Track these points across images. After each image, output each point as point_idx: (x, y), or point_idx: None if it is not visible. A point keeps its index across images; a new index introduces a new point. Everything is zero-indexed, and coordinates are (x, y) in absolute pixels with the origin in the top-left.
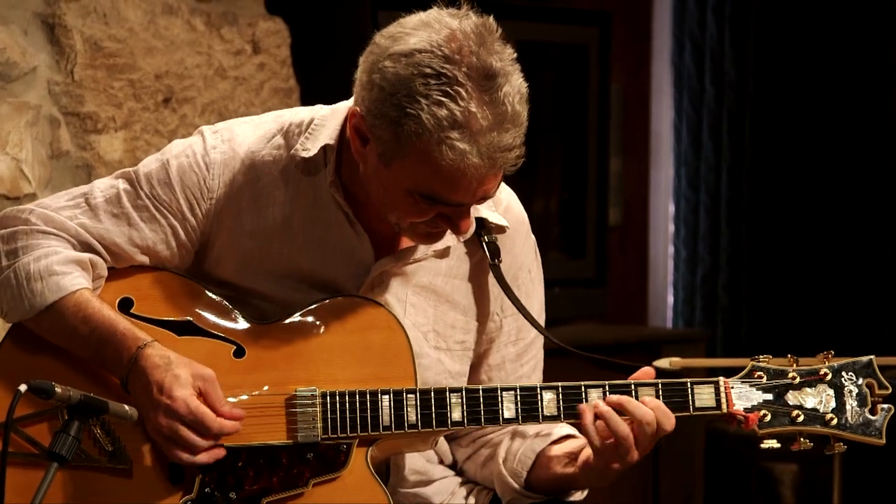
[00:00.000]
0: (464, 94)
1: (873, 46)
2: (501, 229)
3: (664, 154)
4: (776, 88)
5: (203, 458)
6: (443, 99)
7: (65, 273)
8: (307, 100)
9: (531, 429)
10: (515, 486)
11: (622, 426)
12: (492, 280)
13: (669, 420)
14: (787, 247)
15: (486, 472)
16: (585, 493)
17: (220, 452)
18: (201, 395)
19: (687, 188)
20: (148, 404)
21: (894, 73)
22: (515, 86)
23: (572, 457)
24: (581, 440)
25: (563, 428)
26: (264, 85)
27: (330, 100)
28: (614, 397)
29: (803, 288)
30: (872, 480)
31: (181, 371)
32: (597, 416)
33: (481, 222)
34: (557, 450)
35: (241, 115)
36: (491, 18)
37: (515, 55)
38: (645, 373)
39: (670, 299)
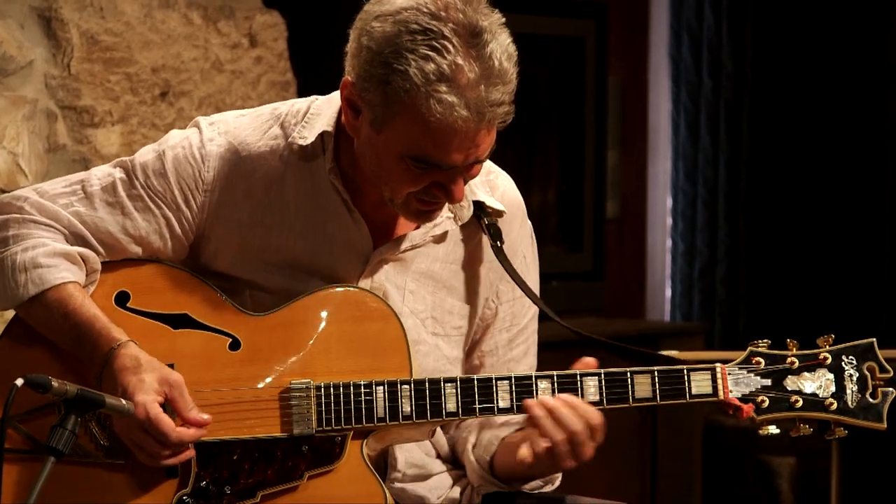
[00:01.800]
0: (450, 48)
1: (870, 38)
2: (499, 213)
3: (662, 147)
4: (774, 81)
5: (168, 462)
6: (429, 53)
7: (50, 266)
8: (304, 93)
9: (501, 418)
10: (482, 472)
11: (573, 422)
12: (486, 266)
13: (594, 414)
14: (785, 240)
15: (464, 459)
16: (556, 482)
17: (187, 454)
18: (168, 401)
19: (685, 181)
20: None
21: (891, 65)
22: (503, 44)
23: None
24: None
25: None
26: (261, 78)
27: (327, 93)
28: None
29: (801, 281)
30: (871, 473)
31: (147, 375)
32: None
33: (480, 205)
34: (519, 436)
35: (239, 108)
36: None
37: (504, 20)
38: (585, 363)
39: (668, 292)
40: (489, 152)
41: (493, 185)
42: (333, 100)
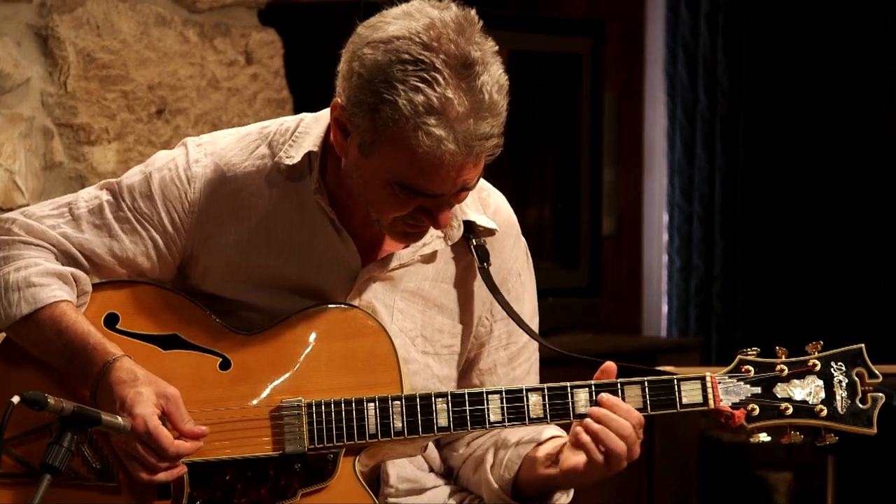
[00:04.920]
0: (441, 80)
1: (866, 55)
2: (490, 232)
3: (658, 163)
4: (769, 97)
5: (162, 476)
6: (420, 85)
7: (43, 285)
8: (300, 111)
9: (514, 437)
10: (503, 494)
11: (615, 442)
12: (480, 284)
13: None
14: (782, 255)
15: (476, 478)
16: (570, 494)
17: (180, 470)
18: (165, 414)
19: (680, 197)
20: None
21: (887, 80)
22: (494, 76)
23: (553, 458)
24: (562, 439)
25: (549, 429)
26: (257, 96)
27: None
28: (603, 403)
29: (798, 296)
30: (867, 488)
31: (144, 388)
32: (588, 432)
33: (469, 226)
34: (541, 451)
35: (235, 126)
36: (473, 11)
37: (497, 48)
38: (608, 368)
39: (664, 308)
40: (477, 180)
41: (486, 203)
42: (322, 118)
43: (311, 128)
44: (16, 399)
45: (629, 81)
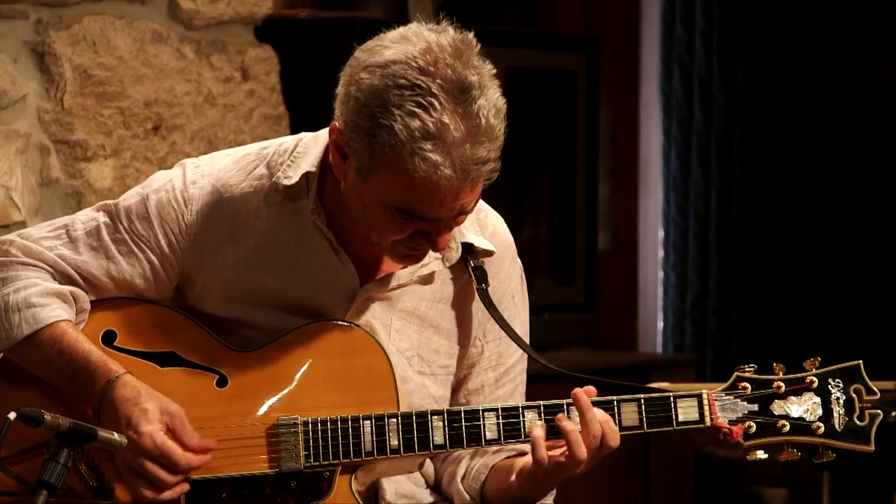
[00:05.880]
0: (437, 105)
1: (860, 71)
2: (488, 253)
3: (653, 179)
4: (764, 113)
5: (167, 494)
6: (416, 110)
7: (43, 305)
8: (296, 127)
9: (491, 447)
10: (471, 501)
11: (579, 447)
12: (475, 305)
13: (616, 437)
14: (777, 271)
15: (452, 490)
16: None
17: (184, 487)
18: (169, 431)
19: (676, 213)
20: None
21: (881, 96)
22: (491, 100)
23: (514, 468)
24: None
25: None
26: (254, 112)
27: (319, 127)
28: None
29: (793, 312)
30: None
31: (149, 405)
32: (551, 435)
33: (468, 247)
34: (506, 462)
35: (231, 142)
36: (471, 35)
37: (494, 71)
38: (587, 391)
39: (660, 324)
40: (474, 204)
41: (484, 224)
42: (320, 138)
43: (310, 148)
44: (12, 415)
45: (624, 97)
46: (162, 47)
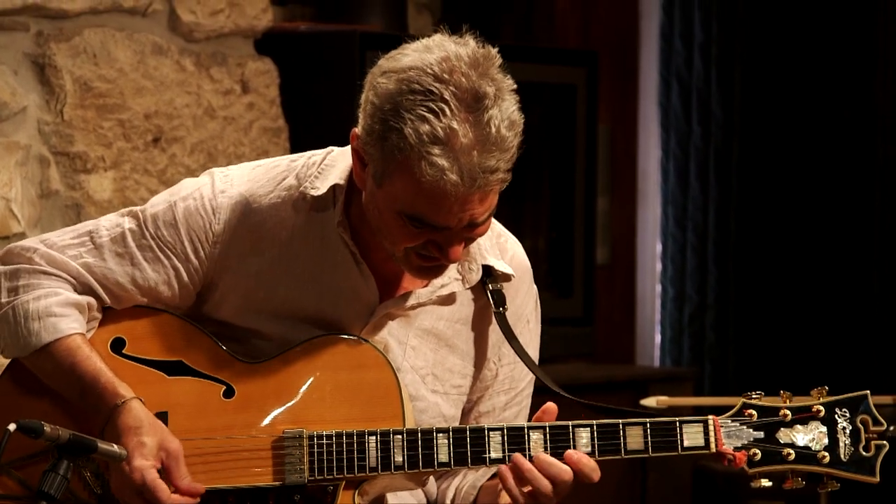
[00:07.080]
0: (448, 111)
1: (858, 86)
2: (507, 277)
3: (651, 193)
4: (762, 128)
5: None
6: (426, 115)
7: (63, 315)
8: (296, 139)
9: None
10: None
11: (543, 483)
12: (492, 328)
13: (594, 473)
14: (775, 285)
15: None
16: None
17: None
18: (164, 468)
19: (674, 227)
20: (114, 463)
21: (879, 112)
22: (506, 112)
23: (500, 489)
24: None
25: None
26: (253, 124)
27: (318, 140)
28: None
29: (791, 326)
30: None
31: (148, 439)
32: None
33: (488, 270)
34: (493, 482)
35: (231, 154)
36: (494, 49)
37: (515, 87)
38: (548, 409)
39: (658, 338)
40: (488, 217)
41: (503, 249)
42: (347, 151)
43: (338, 160)
44: (12, 427)
45: (623, 112)
46: (162, 60)
